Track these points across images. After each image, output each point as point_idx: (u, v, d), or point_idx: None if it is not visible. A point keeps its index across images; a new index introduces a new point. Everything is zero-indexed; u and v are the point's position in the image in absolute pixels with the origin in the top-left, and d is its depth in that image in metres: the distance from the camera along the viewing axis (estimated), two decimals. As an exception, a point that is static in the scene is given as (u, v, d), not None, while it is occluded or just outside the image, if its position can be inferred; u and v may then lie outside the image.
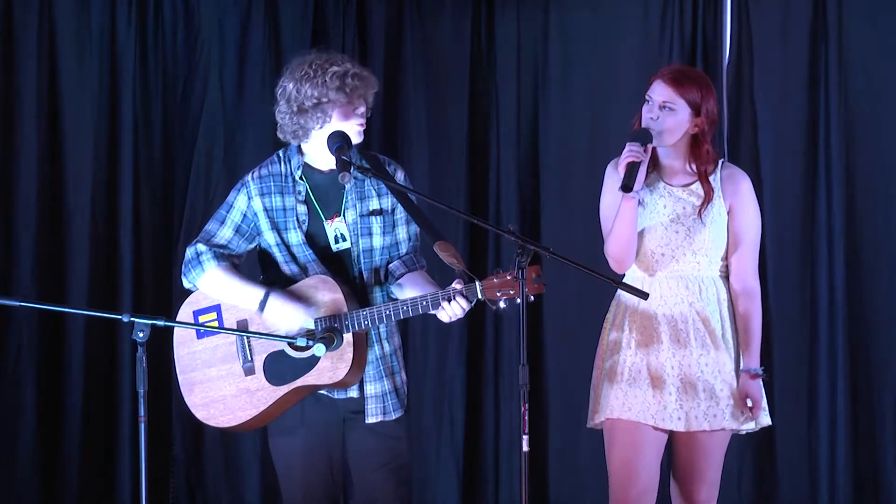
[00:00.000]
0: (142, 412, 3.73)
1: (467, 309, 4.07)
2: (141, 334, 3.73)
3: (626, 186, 4.22)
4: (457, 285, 4.06)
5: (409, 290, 4.20)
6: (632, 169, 4.23)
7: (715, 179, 4.35)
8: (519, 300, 3.93)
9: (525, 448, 3.84)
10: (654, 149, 4.34)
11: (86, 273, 6.12)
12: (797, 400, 6.04)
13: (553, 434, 6.20)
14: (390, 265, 4.29)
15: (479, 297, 4.05)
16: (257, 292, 4.17)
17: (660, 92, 4.31)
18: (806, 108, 6.06)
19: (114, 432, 6.13)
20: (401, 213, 4.29)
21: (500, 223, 6.15)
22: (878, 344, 6.02)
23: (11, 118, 6.11)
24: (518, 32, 6.31)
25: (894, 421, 5.99)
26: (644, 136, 4.28)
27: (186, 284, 4.30)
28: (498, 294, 4.03)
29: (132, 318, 3.73)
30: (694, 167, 4.35)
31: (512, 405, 6.21)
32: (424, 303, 4.08)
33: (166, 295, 6.05)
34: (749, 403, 4.31)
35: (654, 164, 4.40)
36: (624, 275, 4.41)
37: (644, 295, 4.07)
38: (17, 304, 3.91)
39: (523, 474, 3.86)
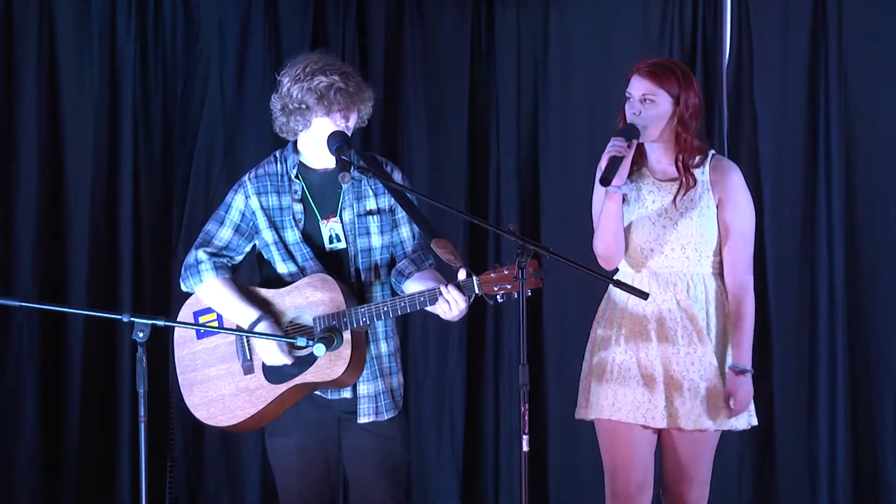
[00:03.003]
0: (142, 412, 3.73)
1: (464, 305, 4.07)
2: (141, 334, 3.72)
3: (605, 179, 4.19)
4: (460, 275, 4.06)
5: (418, 287, 4.19)
6: (613, 163, 4.21)
7: (704, 172, 4.33)
8: (516, 295, 3.93)
9: (525, 448, 3.84)
10: (642, 144, 4.33)
11: (86, 273, 6.12)
12: (797, 400, 6.04)
13: (553, 434, 6.20)
14: (399, 265, 4.28)
15: (477, 291, 4.05)
16: (250, 314, 4.17)
17: (638, 86, 4.30)
18: (806, 108, 6.06)
19: (114, 432, 6.13)
20: (402, 213, 4.28)
21: (500, 223, 6.15)
22: (878, 344, 6.01)
23: (11, 118, 6.11)
24: (518, 32, 6.31)
25: (894, 421, 5.99)
26: (630, 132, 4.26)
27: (184, 288, 4.30)
28: (495, 289, 4.03)
29: (132, 318, 3.73)
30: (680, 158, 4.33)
31: (512, 405, 6.21)
32: (422, 298, 4.08)
33: (166, 295, 6.06)
34: (732, 403, 4.25)
35: (643, 159, 4.39)
36: (616, 269, 4.40)
37: (644, 295, 4.05)
38: (17, 304, 3.91)
39: (523, 474, 3.86)
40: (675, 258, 4.31)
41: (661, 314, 4.30)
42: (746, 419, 4.35)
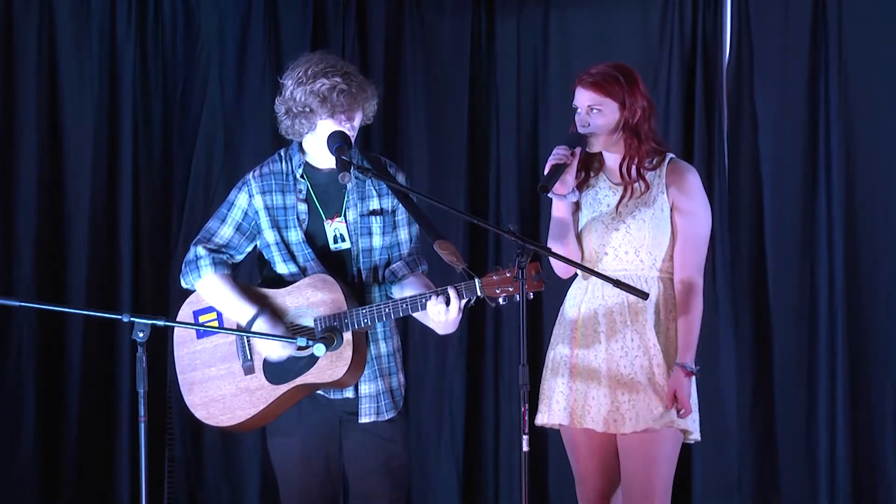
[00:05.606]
0: (142, 412, 3.73)
1: (461, 308, 4.07)
2: (141, 334, 3.72)
3: (543, 187, 4.21)
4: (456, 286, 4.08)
5: (409, 291, 4.20)
6: (555, 171, 4.22)
7: (660, 174, 4.32)
8: (518, 298, 3.93)
9: (525, 448, 3.84)
10: (600, 152, 4.33)
11: (86, 273, 6.12)
12: (797, 400, 6.04)
13: (553, 434, 6.18)
14: (393, 265, 4.29)
15: (479, 294, 4.05)
16: (247, 310, 4.17)
17: (582, 98, 4.30)
18: (806, 108, 6.06)
19: (114, 432, 6.13)
20: (402, 215, 4.29)
21: (500, 223, 6.15)
22: (878, 344, 6.01)
23: (11, 118, 6.11)
24: (518, 32, 6.31)
25: (894, 421, 5.99)
26: (575, 140, 4.27)
27: (184, 284, 4.30)
28: (497, 291, 4.03)
29: (132, 318, 3.73)
30: (626, 162, 4.33)
31: (512, 405, 6.21)
32: (423, 300, 4.09)
33: (165, 295, 6.06)
34: (678, 404, 4.20)
35: (602, 163, 4.39)
36: (576, 274, 4.38)
37: (644, 295, 4.05)
38: (17, 304, 3.91)
39: (523, 474, 3.86)
40: (629, 261, 4.30)
41: (612, 317, 4.29)
42: (694, 427, 4.29)
